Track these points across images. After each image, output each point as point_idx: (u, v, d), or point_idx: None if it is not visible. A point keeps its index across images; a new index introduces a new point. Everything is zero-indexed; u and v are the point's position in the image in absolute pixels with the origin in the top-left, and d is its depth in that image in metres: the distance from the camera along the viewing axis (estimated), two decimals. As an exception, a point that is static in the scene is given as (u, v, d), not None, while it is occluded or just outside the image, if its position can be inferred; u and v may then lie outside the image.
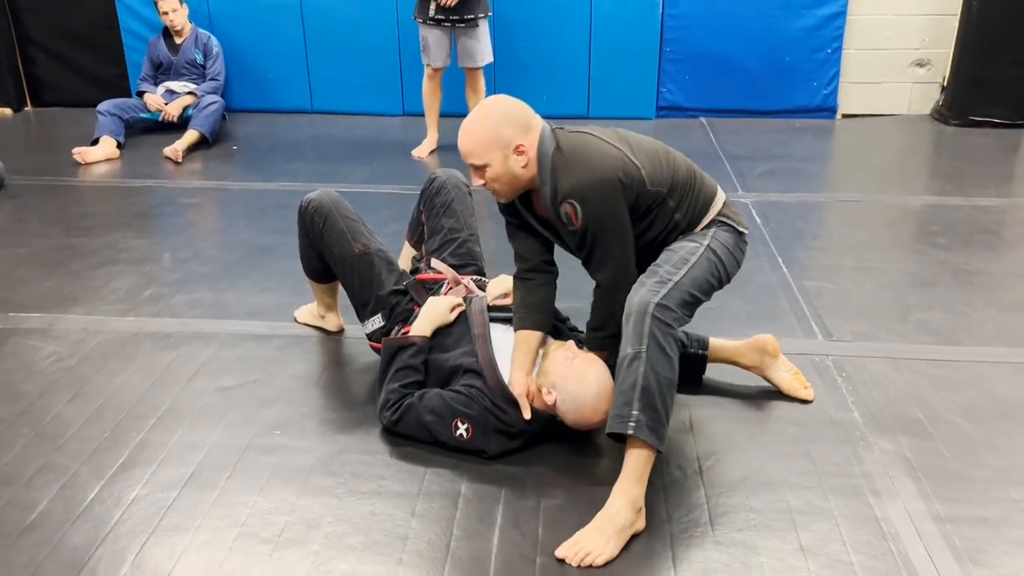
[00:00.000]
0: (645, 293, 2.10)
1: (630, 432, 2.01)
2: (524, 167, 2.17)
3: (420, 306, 2.55)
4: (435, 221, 2.84)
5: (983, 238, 3.81)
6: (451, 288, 2.61)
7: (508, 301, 2.53)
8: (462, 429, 2.27)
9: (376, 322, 2.62)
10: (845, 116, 5.89)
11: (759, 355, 2.58)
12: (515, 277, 2.42)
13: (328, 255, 2.67)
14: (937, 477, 2.22)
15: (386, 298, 2.61)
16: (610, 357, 2.21)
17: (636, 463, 2.03)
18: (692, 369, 2.59)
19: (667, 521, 2.07)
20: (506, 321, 2.49)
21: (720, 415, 2.51)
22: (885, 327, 3.00)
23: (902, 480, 2.21)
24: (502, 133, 2.15)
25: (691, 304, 2.19)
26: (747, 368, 2.60)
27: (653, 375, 2.02)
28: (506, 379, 2.30)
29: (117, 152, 5.07)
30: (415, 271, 2.81)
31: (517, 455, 2.30)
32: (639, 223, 2.23)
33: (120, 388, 2.64)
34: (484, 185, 2.22)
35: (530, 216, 2.33)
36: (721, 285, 2.31)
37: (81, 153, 4.92)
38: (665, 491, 2.17)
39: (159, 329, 3.00)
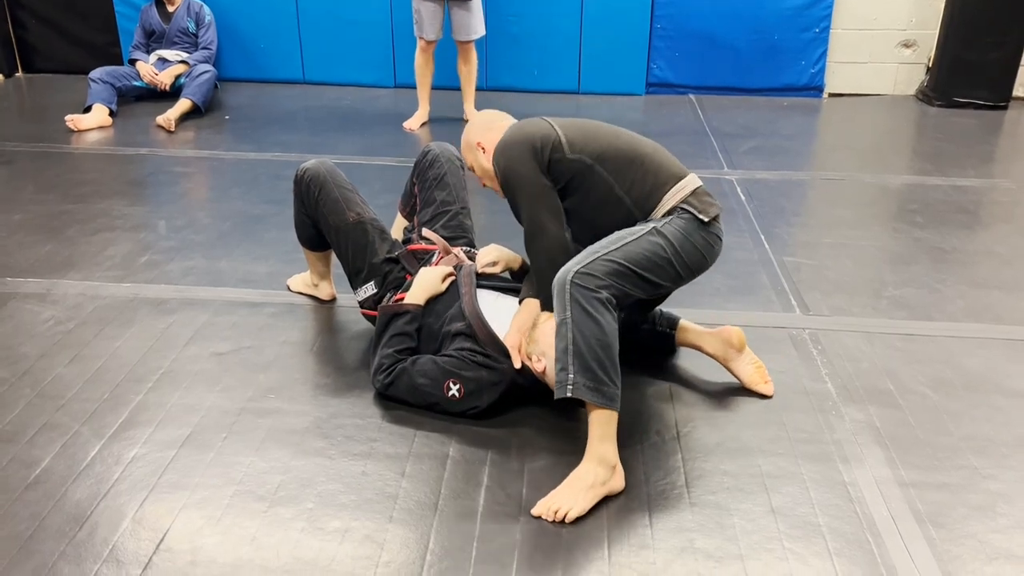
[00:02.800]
0: (568, 265, 2.20)
1: (568, 394, 2.10)
2: (487, 156, 2.48)
3: (412, 275, 2.64)
4: (427, 193, 2.91)
5: (959, 217, 3.91)
6: (442, 258, 2.69)
7: (496, 269, 2.62)
8: (454, 390, 2.36)
9: (368, 289, 2.70)
10: (832, 95, 5.97)
11: (723, 346, 2.59)
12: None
13: (323, 223, 2.74)
14: (903, 445, 2.33)
15: (379, 266, 2.68)
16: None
17: (596, 424, 2.12)
18: (661, 345, 2.69)
19: (644, 483, 2.17)
20: (494, 289, 2.58)
21: (699, 384, 2.60)
22: (861, 302, 3.10)
23: (870, 447, 2.32)
24: (471, 139, 2.53)
25: (624, 275, 2.19)
26: (710, 355, 2.61)
27: (581, 337, 2.09)
28: (498, 334, 2.40)
29: (110, 120, 5.09)
30: (407, 241, 2.88)
31: (502, 418, 2.39)
32: (571, 192, 2.36)
33: (118, 351, 2.72)
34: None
35: None
36: (675, 268, 2.28)
37: (74, 120, 4.95)
38: (643, 454, 2.27)
39: (155, 295, 3.07)
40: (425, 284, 2.56)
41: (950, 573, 1.90)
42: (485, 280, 2.61)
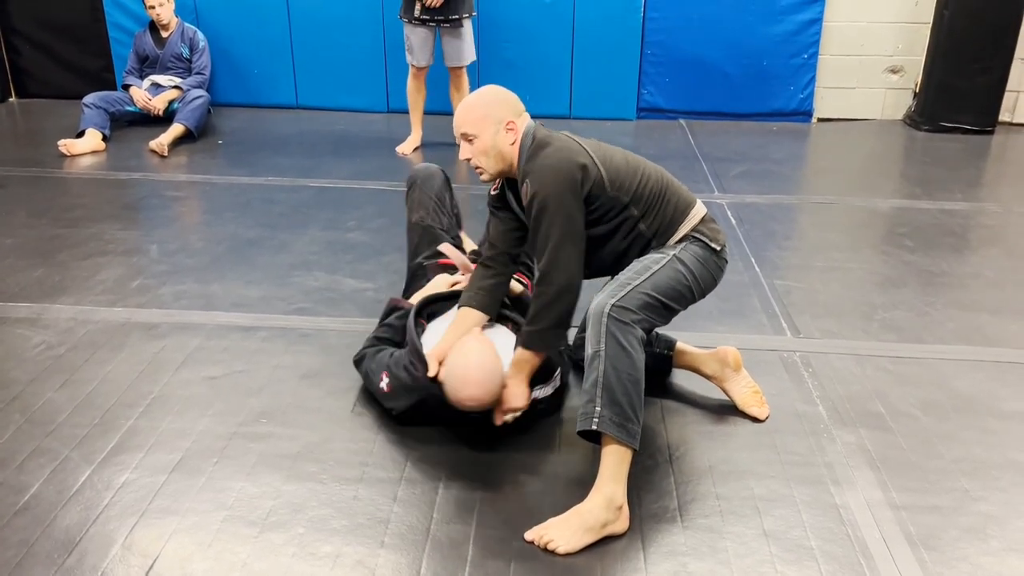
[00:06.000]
0: (603, 297, 2.19)
1: (594, 427, 2.08)
2: (512, 144, 2.33)
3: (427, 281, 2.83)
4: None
5: (948, 240, 3.94)
6: (462, 274, 2.82)
7: (459, 287, 2.68)
8: (384, 382, 2.46)
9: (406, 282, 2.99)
10: (820, 120, 6.03)
11: (720, 366, 2.60)
12: (479, 262, 2.55)
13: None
14: (895, 468, 2.34)
15: (412, 267, 2.97)
16: (546, 355, 2.34)
17: (610, 462, 2.10)
18: (658, 367, 2.69)
19: (638, 506, 2.17)
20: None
21: (691, 407, 2.61)
22: (851, 325, 3.12)
23: (862, 470, 2.32)
24: (496, 111, 2.33)
25: (655, 307, 2.24)
26: (707, 377, 2.63)
27: (613, 372, 2.09)
28: (425, 348, 2.40)
29: (103, 144, 5.10)
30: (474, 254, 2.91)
31: (494, 443, 2.38)
32: (597, 225, 2.32)
33: (109, 376, 2.71)
34: (469, 160, 2.36)
35: (516, 206, 2.44)
36: (693, 295, 2.35)
37: (67, 145, 4.96)
38: (636, 478, 2.27)
39: (147, 319, 3.07)
40: (431, 288, 2.73)
41: (943, 596, 1.90)
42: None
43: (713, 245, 2.36)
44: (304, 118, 5.92)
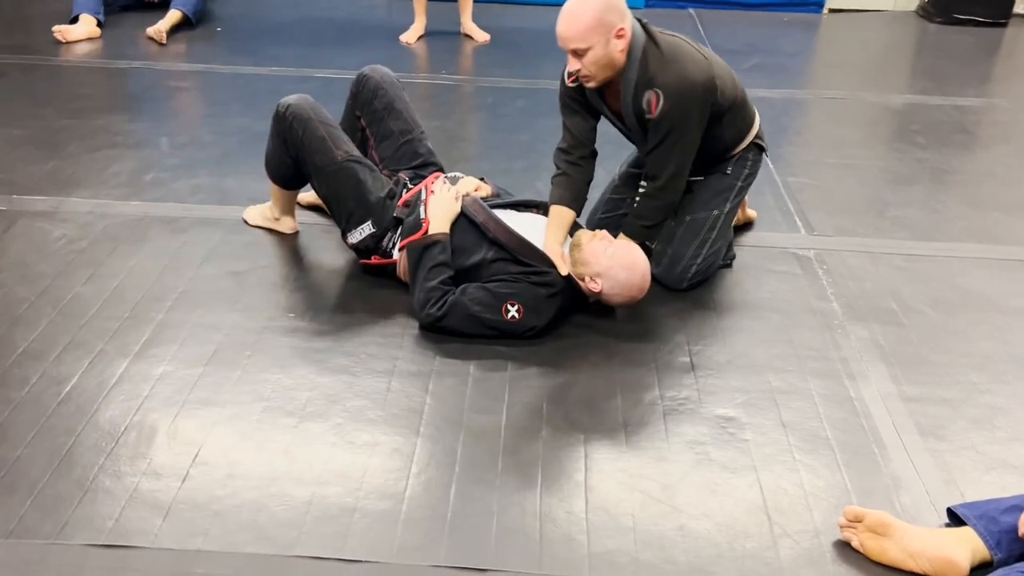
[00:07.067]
0: (679, 272, 2.64)
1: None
2: (621, 51, 2.30)
3: (407, 218, 2.57)
4: (380, 126, 2.81)
5: (959, 138, 3.95)
6: (430, 186, 2.62)
7: (483, 193, 2.65)
8: (513, 311, 2.38)
9: (365, 230, 2.60)
10: (832, 11, 5.90)
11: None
12: (559, 157, 2.55)
13: (308, 163, 2.64)
14: (906, 362, 2.42)
15: (375, 205, 2.59)
16: (646, 242, 2.50)
17: None
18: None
19: (659, 399, 2.25)
20: (502, 207, 2.61)
21: (709, 306, 2.67)
22: (864, 222, 3.16)
23: (875, 364, 2.41)
24: (606, 18, 2.26)
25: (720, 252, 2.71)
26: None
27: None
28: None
29: (98, 31, 4.95)
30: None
31: (517, 345, 2.44)
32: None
33: (134, 270, 2.73)
34: (577, 71, 2.33)
35: (598, 101, 2.46)
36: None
37: (62, 31, 4.81)
38: (658, 372, 2.35)
39: (165, 213, 3.07)
40: (442, 211, 2.51)
41: (951, 482, 2.00)
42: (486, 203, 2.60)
43: (765, 147, 2.55)
44: (303, 3, 5.74)
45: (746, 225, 3.08)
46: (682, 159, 2.44)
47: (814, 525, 1.88)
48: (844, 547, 1.82)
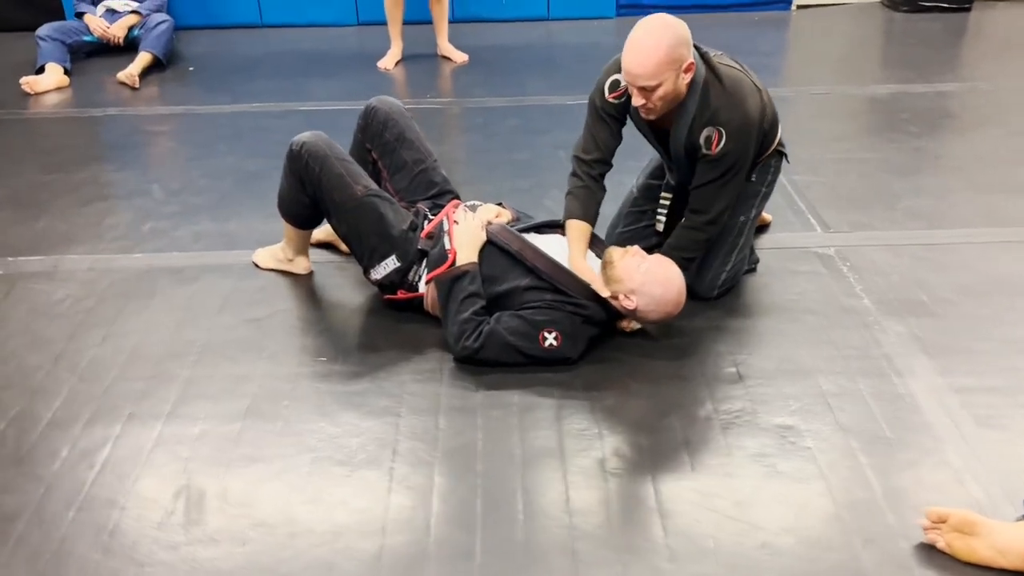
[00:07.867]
0: (708, 281, 2.63)
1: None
2: (686, 84, 2.28)
3: (431, 250, 2.52)
4: (392, 157, 2.75)
5: (948, 122, 3.99)
6: (451, 215, 2.57)
7: (504, 220, 2.58)
8: (551, 339, 2.33)
9: (389, 264, 2.54)
10: (800, 7, 5.96)
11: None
12: (580, 167, 2.51)
13: (327, 200, 2.57)
14: (949, 353, 2.41)
15: (398, 239, 2.53)
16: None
17: None
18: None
19: (714, 413, 2.21)
20: (526, 231, 2.55)
21: (743, 313, 2.64)
22: (877, 215, 3.16)
23: (918, 358, 2.39)
24: (676, 52, 2.20)
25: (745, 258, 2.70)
26: None
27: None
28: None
29: (66, 79, 4.82)
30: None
31: (562, 368, 2.39)
32: None
33: (149, 326, 2.63)
34: (642, 105, 2.28)
35: (643, 123, 2.46)
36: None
37: (29, 83, 4.67)
38: (707, 385, 2.31)
39: (170, 264, 2.97)
40: (469, 240, 2.46)
41: (1021, 472, 1.99)
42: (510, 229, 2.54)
43: (786, 152, 2.56)
44: (271, 37, 5.66)
45: (762, 228, 3.07)
46: (733, 195, 2.47)
47: (894, 529, 1.85)
48: (929, 550, 1.79)
